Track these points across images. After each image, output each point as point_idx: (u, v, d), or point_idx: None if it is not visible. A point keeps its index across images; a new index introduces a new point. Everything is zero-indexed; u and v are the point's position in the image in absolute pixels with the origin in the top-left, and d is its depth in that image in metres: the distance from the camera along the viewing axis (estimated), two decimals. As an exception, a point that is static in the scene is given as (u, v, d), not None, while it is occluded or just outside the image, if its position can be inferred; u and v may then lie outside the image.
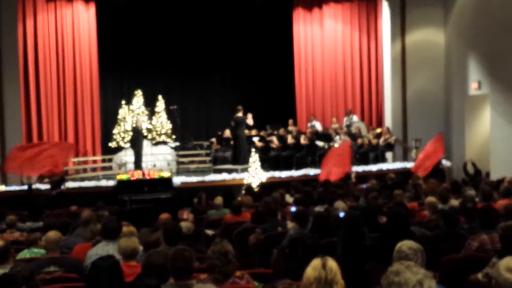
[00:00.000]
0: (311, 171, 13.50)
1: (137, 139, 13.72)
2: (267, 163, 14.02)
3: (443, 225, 5.63)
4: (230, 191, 9.53)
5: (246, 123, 13.79)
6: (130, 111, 15.98)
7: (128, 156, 14.68)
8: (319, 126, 15.99)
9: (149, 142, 15.66)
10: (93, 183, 12.99)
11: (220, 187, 11.50)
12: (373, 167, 14.11)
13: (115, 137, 15.86)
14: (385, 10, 16.36)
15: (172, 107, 15.67)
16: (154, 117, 16.32)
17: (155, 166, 14.81)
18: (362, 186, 10.33)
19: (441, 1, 16.03)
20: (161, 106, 16.38)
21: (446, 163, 13.59)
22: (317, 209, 7.17)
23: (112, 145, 15.84)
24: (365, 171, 13.58)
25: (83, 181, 13.40)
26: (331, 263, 3.07)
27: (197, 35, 17.16)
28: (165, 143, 16.07)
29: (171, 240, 4.93)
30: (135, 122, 14.27)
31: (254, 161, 12.42)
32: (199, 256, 4.58)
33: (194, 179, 13.15)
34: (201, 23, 17.09)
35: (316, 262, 3.07)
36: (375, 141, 14.92)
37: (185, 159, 15.99)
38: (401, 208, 5.94)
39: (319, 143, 14.45)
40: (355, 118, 16.18)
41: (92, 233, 5.90)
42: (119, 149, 15.67)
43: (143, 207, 10.92)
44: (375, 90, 16.88)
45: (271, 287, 3.22)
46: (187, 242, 5.24)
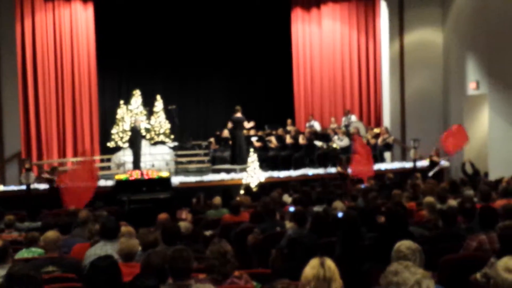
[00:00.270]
0: (310, 171, 13.55)
1: (135, 139, 13.70)
2: (266, 163, 14.01)
3: (442, 225, 5.63)
4: (228, 191, 9.54)
5: (243, 124, 13.80)
6: (128, 111, 15.97)
7: (126, 156, 14.67)
8: (317, 126, 15.98)
9: (147, 142, 15.64)
10: (92, 183, 12.95)
11: (218, 187, 11.51)
12: (372, 167, 14.12)
13: (113, 137, 15.85)
14: (383, 10, 16.36)
15: (170, 107, 15.66)
16: (152, 117, 16.32)
17: (153, 166, 14.80)
18: (360, 186, 10.33)
19: (439, 1, 16.03)
20: (159, 106, 16.39)
21: (444, 163, 13.60)
22: (316, 209, 7.16)
23: (110, 145, 15.84)
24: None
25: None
26: (329, 262, 3.09)
27: (195, 35, 17.15)
28: (163, 143, 16.07)
29: (170, 240, 4.92)
30: (133, 122, 14.26)
31: (252, 161, 12.42)
32: (198, 256, 4.58)
33: (192, 179, 13.16)
34: (200, 23, 17.09)
35: (314, 261, 3.09)
36: (373, 141, 14.94)
37: (184, 159, 15.98)
38: (400, 208, 5.94)
39: (318, 143, 14.48)
40: (354, 118, 16.18)
41: (90, 233, 5.89)
42: (118, 149, 15.66)
43: (142, 207, 10.90)
44: (374, 90, 16.88)
45: (270, 287, 3.23)
46: (185, 242, 5.24)
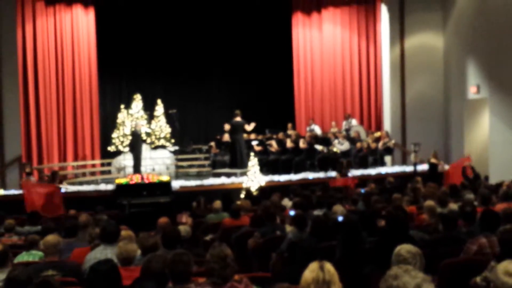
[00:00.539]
0: (310, 175, 13.53)
1: (136, 143, 13.71)
2: (266, 167, 14.00)
3: (442, 229, 5.62)
4: (229, 195, 9.55)
5: (244, 128, 13.80)
6: (129, 115, 15.98)
7: (127, 160, 14.67)
8: (318, 130, 15.98)
9: (148, 146, 15.65)
10: (92, 187, 12.97)
11: (219, 191, 11.50)
12: (372, 171, 14.13)
13: (114, 141, 15.86)
14: (384, 14, 16.39)
15: (171, 111, 15.67)
16: (153, 121, 16.33)
17: (154, 170, 14.80)
18: (360, 190, 10.32)
19: (439, 5, 16.07)
20: (160, 110, 16.40)
21: (445, 167, 13.61)
22: (316, 213, 7.15)
23: (111, 149, 15.84)
24: (364, 175, 13.59)
25: (82, 185, 13.39)
26: (329, 266, 3.09)
27: (196, 39, 17.19)
28: (164, 147, 16.07)
29: (170, 244, 4.92)
30: (134, 126, 14.28)
31: (253, 165, 12.40)
32: (198, 260, 4.57)
33: (193, 183, 13.15)
34: (200, 28, 17.12)
35: (313, 264, 3.09)
36: (374, 145, 14.95)
37: (184, 163, 15.99)
38: (400, 212, 5.94)
39: (318, 147, 14.48)
40: (354, 122, 16.19)
41: (90, 237, 5.88)
42: (118, 153, 15.67)
43: (142, 211, 10.88)
44: (374, 94, 16.90)
45: (270, 291, 3.23)
46: (185, 246, 5.23)
